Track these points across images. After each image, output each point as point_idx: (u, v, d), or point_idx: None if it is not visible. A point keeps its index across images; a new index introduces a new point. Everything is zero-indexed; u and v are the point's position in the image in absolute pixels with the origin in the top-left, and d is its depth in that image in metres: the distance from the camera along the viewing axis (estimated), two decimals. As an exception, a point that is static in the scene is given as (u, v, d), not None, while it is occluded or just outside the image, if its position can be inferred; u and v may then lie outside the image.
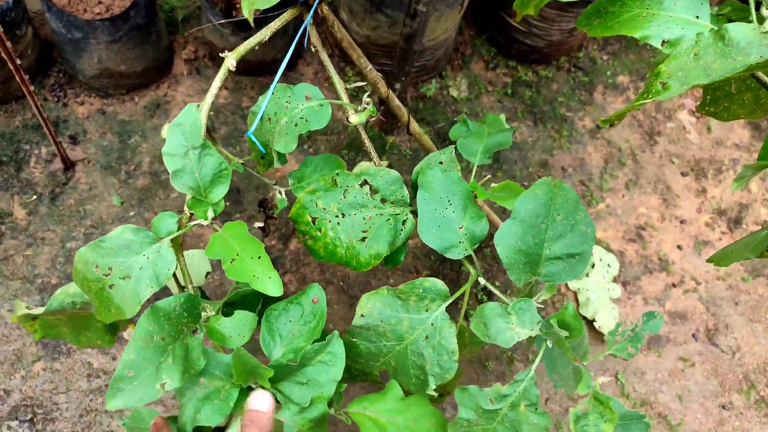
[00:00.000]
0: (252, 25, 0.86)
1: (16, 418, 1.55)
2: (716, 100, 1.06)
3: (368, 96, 1.01)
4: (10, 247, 1.75)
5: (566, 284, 1.91)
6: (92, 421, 1.57)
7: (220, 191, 0.86)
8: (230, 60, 0.93)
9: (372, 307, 0.98)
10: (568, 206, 0.94)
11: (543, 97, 2.22)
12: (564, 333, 0.93)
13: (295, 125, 0.97)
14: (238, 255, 0.85)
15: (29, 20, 1.86)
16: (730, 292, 1.97)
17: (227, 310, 0.95)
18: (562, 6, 1.97)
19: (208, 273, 1.22)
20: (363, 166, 2.01)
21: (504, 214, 1.89)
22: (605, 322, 1.82)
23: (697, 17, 0.78)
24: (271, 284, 0.82)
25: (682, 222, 2.07)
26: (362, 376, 1.04)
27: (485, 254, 1.92)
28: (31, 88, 1.53)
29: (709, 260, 0.93)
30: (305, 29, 1.01)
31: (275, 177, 1.96)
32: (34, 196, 1.82)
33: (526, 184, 2.06)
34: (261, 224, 1.18)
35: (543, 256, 0.94)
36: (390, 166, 2.00)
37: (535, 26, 2.09)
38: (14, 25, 1.76)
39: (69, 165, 1.85)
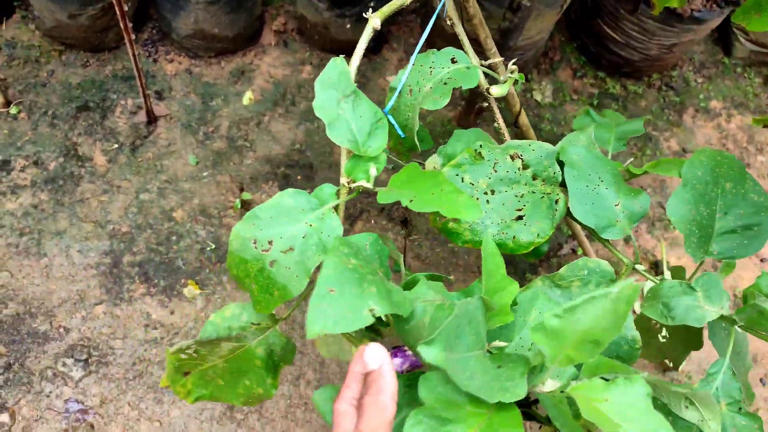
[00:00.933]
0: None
1: (72, 356, 1.58)
2: None
3: (513, 64, 0.96)
4: (87, 191, 1.79)
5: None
6: (144, 371, 1.59)
7: (380, 142, 0.76)
8: (375, 20, 0.86)
9: (522, 301, 0.87)
10: (735, 174, 0.85)
11: (630, 112, 2.14)
12: (765, 306, 0.83)
13: (445, 84, 0.90)
14: (419, 189, 0.69)
15: (133, -26, 1.90)
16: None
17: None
18: (668, 20, 1.89)
19: None
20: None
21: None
22: (670, 352, 1.73)
23: None
24: (467, 206, 0.62)
25: (762, 261, 1.96)
26: None
27: (561, 257, 1.86)
28: (132, 37, 1.56)
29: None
30: (444, 3, 0.98)
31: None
32: (116, 145, 1.86)
33: (601, 198, 1.99)
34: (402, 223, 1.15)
35: (715, 229, 0.85)
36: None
37: (634, 38, 2.01)
38: (120, -24, 1.80)
39: (152, 119, 1.89)
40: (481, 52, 1.04)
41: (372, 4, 1.86)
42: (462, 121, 2.05)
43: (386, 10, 0.83)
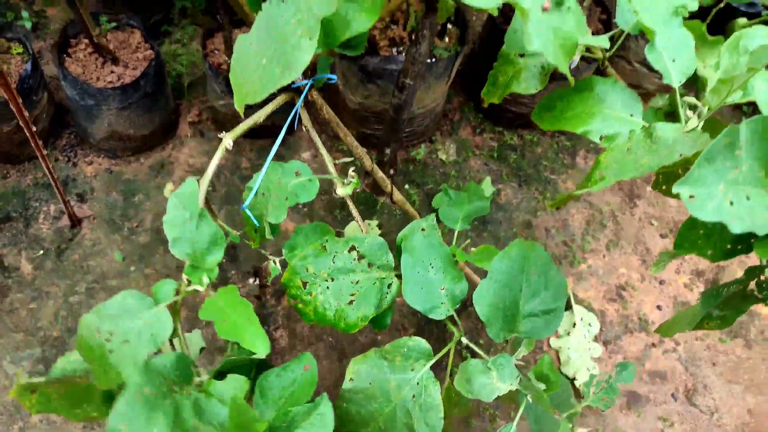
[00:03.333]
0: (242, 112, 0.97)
1: (11, 469, 1.60)
2: (667, 180, 1.16)
3: (353, 171, 1.11)
4: (15, 300, 1.83)
5: (548, 343, 1.97)
6: (84, 472, 1.62)
7: (215, 258, 0.94)
8: (227, 140, 1.02)
9: (360, 370, 1.04)
10: (541, 264, 1.03)
11: (528, 160, 2.33)
12: (542, 386, 1.00)
13: (286, 199, 1.07)
14: (229, 316, 0.93)
15: (45, 86, 2.00)
16: (708, 353, 2.03)
17: (219, 376, 1.02)
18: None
19: (202, 348, 1.30)
20: (353, 226, 2.11)
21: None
22: (586, 381, 1.87)
23: (632, 115, 0.89)
24: (259, 343, 0.90)
25: (661, 283, 2.14)
26: None
27: (470, 312, 1.99)
28: (45, 152, 1.65)
29: (657, 330, 1.01)
30: (296, 112, 1.13)
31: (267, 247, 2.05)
32: (41, 252, 1.92)
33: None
34: (256, 293, 1.27)
35: (520, 313, 1.03)
36: (380, 225, 2.10)
37: (521, 95, 2.22)
38: (32, 90, 1.90)
39: (75, 222, 1.96)
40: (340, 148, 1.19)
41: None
42: (375, 187, 2.20)
43: (238, 130, 0.97)
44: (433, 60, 1.96)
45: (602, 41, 0.88)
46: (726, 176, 0.59)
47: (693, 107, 0.86)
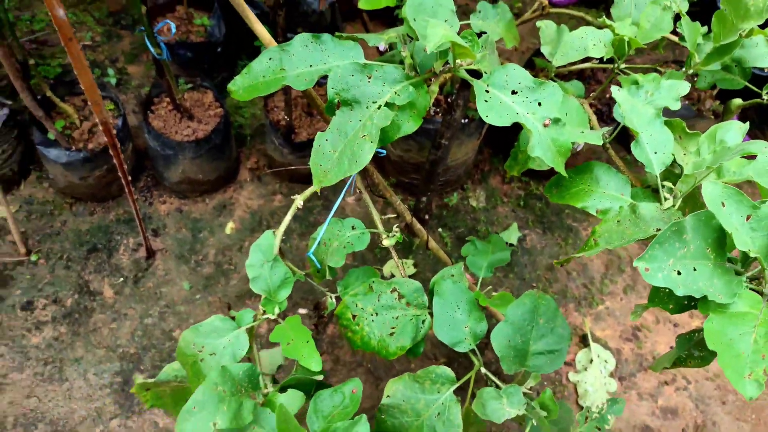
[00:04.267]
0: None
1: (94, 467, 1.87)
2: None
3: (397, 227, 1.37)
4: (98, 321, 2.12)
5: (567, 377, 2.16)
6: (154, 474, 1.87)
7: (284, 293, 1.22)
8: (299, 201, 1.28)
9: (396, 389, 1.27)
10: (549, 313, 1.26)
11: (552, 208, 2.55)
12: (543, 413, 1.22)
13: (344, 247, 1.33)
14: (293, 340, 1.18)
15: (131, 136, 2.33)
16: (718, 392, 2.18)
17: (283, 390, 1.27)
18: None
19: (280, 366, 1.57)
20: (391, 264, 2.35)
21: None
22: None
23: (622, 194, 1.12)
24: (314, 362, 1.14)
25: (675, 325, 2.31)
26: None
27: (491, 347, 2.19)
28: (133, 192, 1.95)
29: (650, 367, 1.21)
30: (353, 179, 1.39)
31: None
32: (121, 279, 2.22)
33: (534, 285, 2.36)
34: (315, 323, 1.52)
35: (530, 351, 1.25)
36: (415, 264, 2.33)
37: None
38: (122, 142, 2.23)
39: (151, 254, 2.26)
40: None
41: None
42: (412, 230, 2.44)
43: (307, 193, 1.23)
44: (467, 121, 2.21)
45: (596, 139, 1.12)
46: (675, 254, 0.81)
47: (670, 190, 1.08)
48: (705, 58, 1.33)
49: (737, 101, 1.62)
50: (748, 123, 1.17)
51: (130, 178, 1.99)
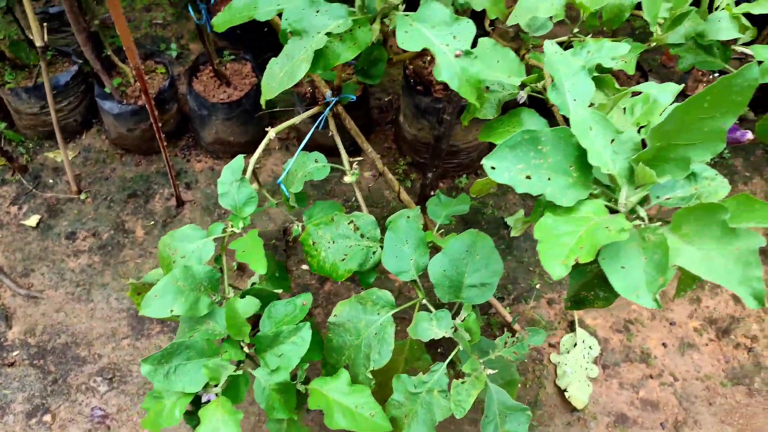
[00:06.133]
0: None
1: (101, 376, 2.11)
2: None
3: (356, 165, 1.51)
4: (127, 255, 2.39)
5: (549, 357, 2.20)
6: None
7: (248, 210, 1.39)
8: (272, 133, 1.47)
9: (342, 309, 1.42)
10: (486, 250, 1.36)
11: (562, 200, 2.59)
12: (467, 336, 1.32)
13: (305, 177, 1.49)
14: (248, 248, 1.34)
15: (177, 99, 2.61)
16: (707, 393, 2.14)
17: (243, 296, 1.42)
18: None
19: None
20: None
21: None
22: (576, 395, 2.08)
23: (543, 136, 1.21)
24: (260, 266, 1.29)
25: (671, 323, 2.29)
26: (332, 371, 1.44)
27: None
28: (165, 144, 2.21)
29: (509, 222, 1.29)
30: (324, 117, 1.56)
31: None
32: (152, 222, 2.48)
33: (531, 269, 2.41)
34: (284, 248, 1.69)
35: (464, 283, 1.36)
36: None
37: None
38: (166, 101, 2.51)
39: (180, 203, 2.51)
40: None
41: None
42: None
43: (279, 127, 1.40)
44: (475, 102, 2.33)
45: (515, 81, 1.22)
46: (529, 162, 0.91)
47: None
48: (664, 30, 1.40)
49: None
50: (682, 85, 1.23)
51: (164, 130, 2.25)
